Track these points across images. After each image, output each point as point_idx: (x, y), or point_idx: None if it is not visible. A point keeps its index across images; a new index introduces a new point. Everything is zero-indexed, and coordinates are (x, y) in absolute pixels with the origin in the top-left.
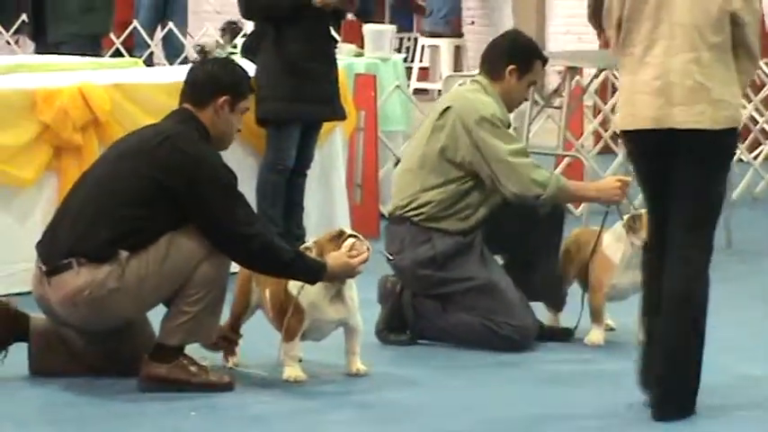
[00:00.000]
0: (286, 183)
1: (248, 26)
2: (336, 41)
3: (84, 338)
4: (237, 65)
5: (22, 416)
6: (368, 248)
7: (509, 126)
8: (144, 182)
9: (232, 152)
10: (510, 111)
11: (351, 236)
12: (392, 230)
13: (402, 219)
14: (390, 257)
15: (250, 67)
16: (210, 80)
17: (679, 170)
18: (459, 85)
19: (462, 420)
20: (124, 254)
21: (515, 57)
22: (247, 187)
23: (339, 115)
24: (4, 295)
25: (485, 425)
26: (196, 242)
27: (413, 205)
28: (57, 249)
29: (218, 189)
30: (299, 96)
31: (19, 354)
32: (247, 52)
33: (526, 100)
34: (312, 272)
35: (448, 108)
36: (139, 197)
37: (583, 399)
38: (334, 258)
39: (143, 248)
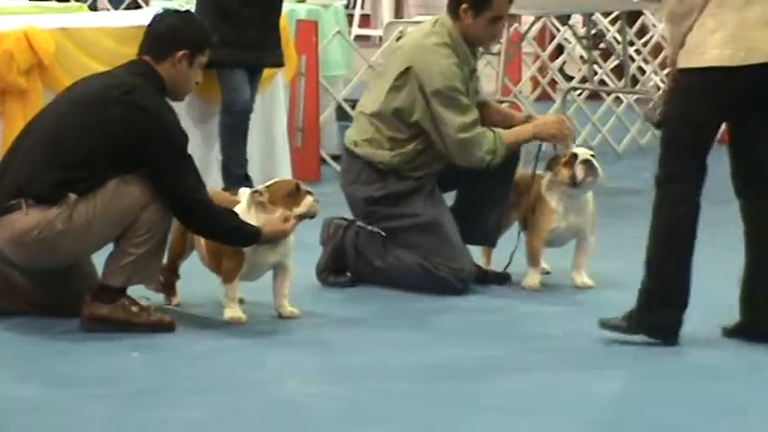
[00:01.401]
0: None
1: None
2: None
3: (29, 278)
4: (198, 20)
5: None
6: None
7: (473, 72)
8: (99, 132)
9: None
10: (481, 46)
11: (308, 192)
12: (351, 161)
13: (361, 158)
14: (343, 185)
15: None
16: (170, 34)
17: None
18: (400, 31)
19: (393, 360)
20: (72, 196)
21: None
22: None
23: (272, 62)
24: None
25: (417, 366)
26: (142, 187)
27: (370, 153)
28: (5, 190)
29: (171, 152)
30: (232, 41)
31: None
32: None
33: (494, 38)
34: (247, 240)
35: (408, 69)
36: (93, 146)
37: (517, 339)
38: (270, 225)
39: (91, 192)
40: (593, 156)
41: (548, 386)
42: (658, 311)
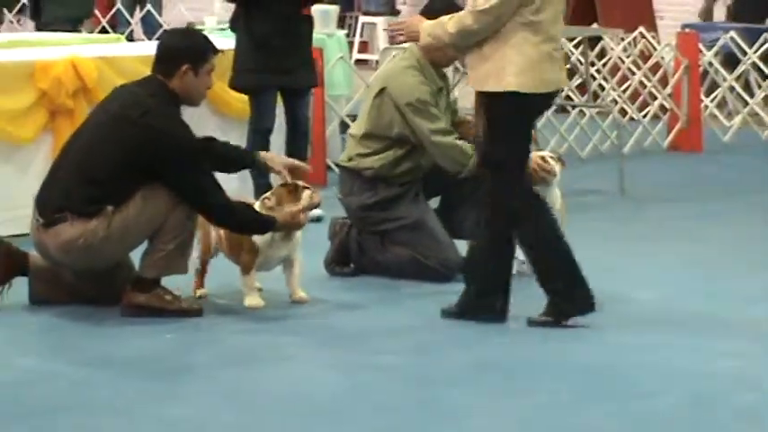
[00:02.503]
0: (289, 144)
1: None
2: (309, 20)
3: (76, 275)
4: (197, 34)
5: (20, 340)
6: (319, 197)
7: (440, 90)
8: (121, 150)
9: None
10: (445, 66)
11: (305, 188)
12: (345, 175)
13: (353, 171)
14: (340, 197)
15: (219, 39)
16: (171, 51)
17: None
18: (394, 55)
19: (389, 339)
20: (109, 208)
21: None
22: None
23: (305, 83)
24: (6, 236)
25: (410, 343)
26: (166, 195)
27: (358, 164)
28: (50, 205)
29: (185, 163)
30: (264, 68)
31: (20, 287)
32: (231, 28)
33: (455, 58)
34: (265, 227)
35: (383, 89)
36: (117, 162)
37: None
38: (284, 216)
39: (123, 203)
40: (551, 157)
41: (524, 358)
42: (488, 299)
